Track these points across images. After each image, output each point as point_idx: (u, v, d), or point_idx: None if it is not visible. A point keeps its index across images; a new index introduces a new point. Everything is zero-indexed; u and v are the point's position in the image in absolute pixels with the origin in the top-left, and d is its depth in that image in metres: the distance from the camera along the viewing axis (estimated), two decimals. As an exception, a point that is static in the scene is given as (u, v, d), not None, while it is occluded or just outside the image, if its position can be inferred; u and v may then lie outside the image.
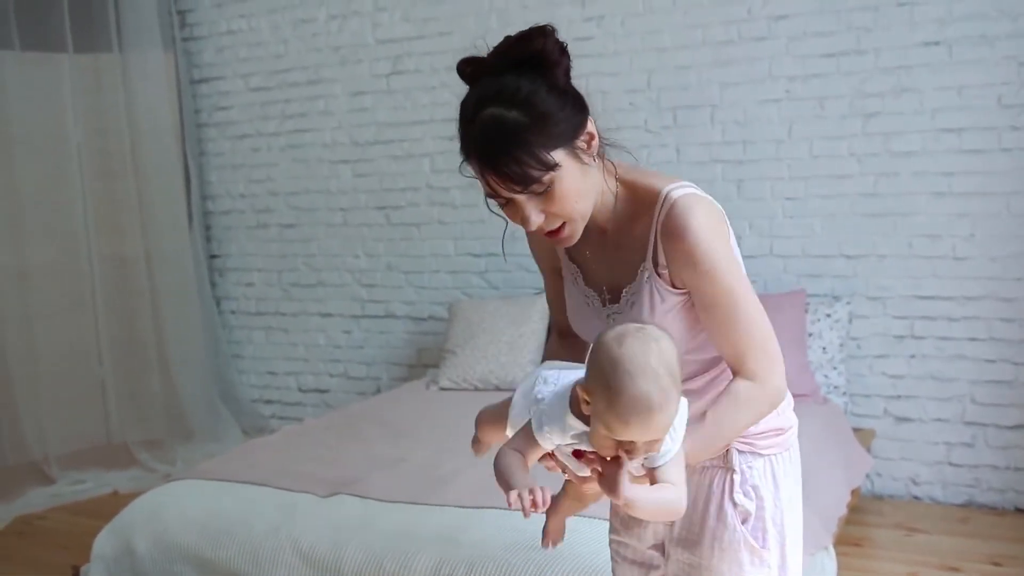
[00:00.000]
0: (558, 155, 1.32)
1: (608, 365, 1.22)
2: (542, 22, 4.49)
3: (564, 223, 1.38)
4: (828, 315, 3.66)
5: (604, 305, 1.50)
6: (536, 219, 1.35)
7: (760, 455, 1.50)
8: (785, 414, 1.56)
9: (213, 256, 5.16)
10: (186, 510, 2.61)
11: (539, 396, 1.35)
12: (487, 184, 1.33)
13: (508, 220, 1.41)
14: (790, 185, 3.81)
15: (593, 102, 4.36)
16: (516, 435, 1.40)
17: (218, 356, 5.07)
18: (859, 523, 3.50)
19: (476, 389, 3.88)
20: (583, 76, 4.47)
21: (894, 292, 3.69)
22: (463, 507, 2.45)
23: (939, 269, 3.62)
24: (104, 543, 2.66)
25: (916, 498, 3.75)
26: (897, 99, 3.60)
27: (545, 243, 1.55)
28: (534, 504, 1.25)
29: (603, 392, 1.22)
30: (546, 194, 1.33)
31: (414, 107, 4.50)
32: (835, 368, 3.64)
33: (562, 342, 1.68)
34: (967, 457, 3.65)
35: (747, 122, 3.84)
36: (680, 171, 3.96)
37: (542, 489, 1.25)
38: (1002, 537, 3.37)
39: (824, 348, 3.64)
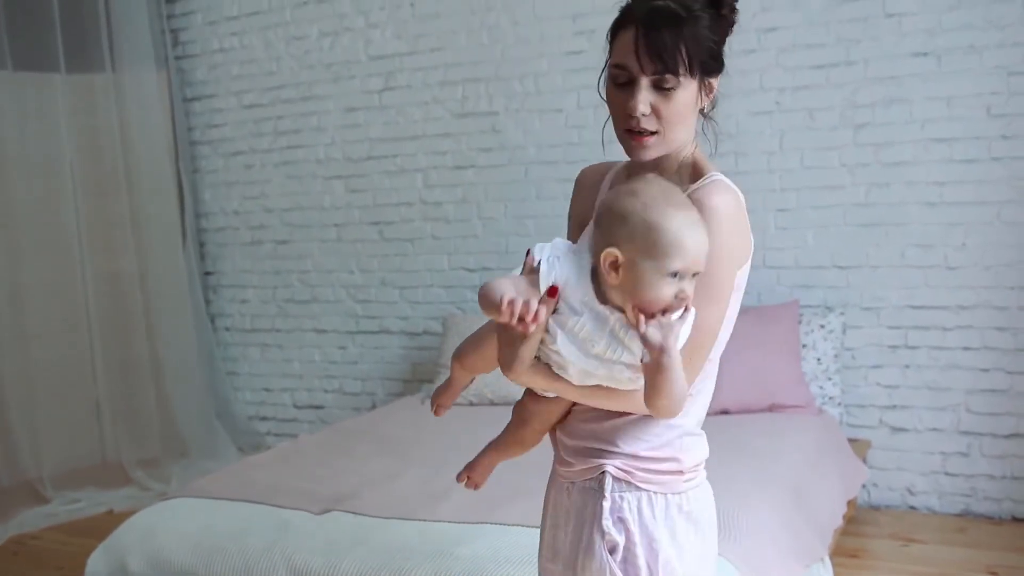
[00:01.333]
0: (695, 75, 1.39)
1: (637, 207, 1.27)
2: (533, 38, 4.55)
3: (656, 133, 1.41)
4: (822, 326, 3.66)
5: None
6: (644, 106, 1.38)
7: (638, 488, 1.41)
8: (688, 449, 1.45)
9: (207, 273, 5.16)
10: (180, 528, 2.60)
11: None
12: (633, 52, 1.37)
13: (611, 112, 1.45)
14: (782, 196, 3.82)
15: (585, 116, 4.37)
16: (513, 279, 1.33)
17: (213, 373, 5.06)
18: (855, 534, 3.50)
19: (471, 404, 3.87)
20: (574, 90, 4.51)
21: (887, 302, 3.70)
22: (458, 523, 2.45)
23: (932, 279, 3.63)
24: (98, 562, 2.64)
25: (912, 508, 3.74)
26: (887, 110, 3.62)
27: (592, 196, 1.59)
28: (524, 316, 1.25)
29: (643, 233, 1.25)
30: (667, 93, 1.38)
31: (407, 123, 4.51)
32: (830, 379, 3.64)
33: None
34: (963, 467, 3.65)
35: (738, 134, 3.86)
36: (672, 184, 3.97)
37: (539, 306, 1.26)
38: (999, 547, 3.37)
39: (818, 359, 3.64)
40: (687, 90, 1.39)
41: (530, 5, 4.17)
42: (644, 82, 1.38)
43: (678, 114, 1.40)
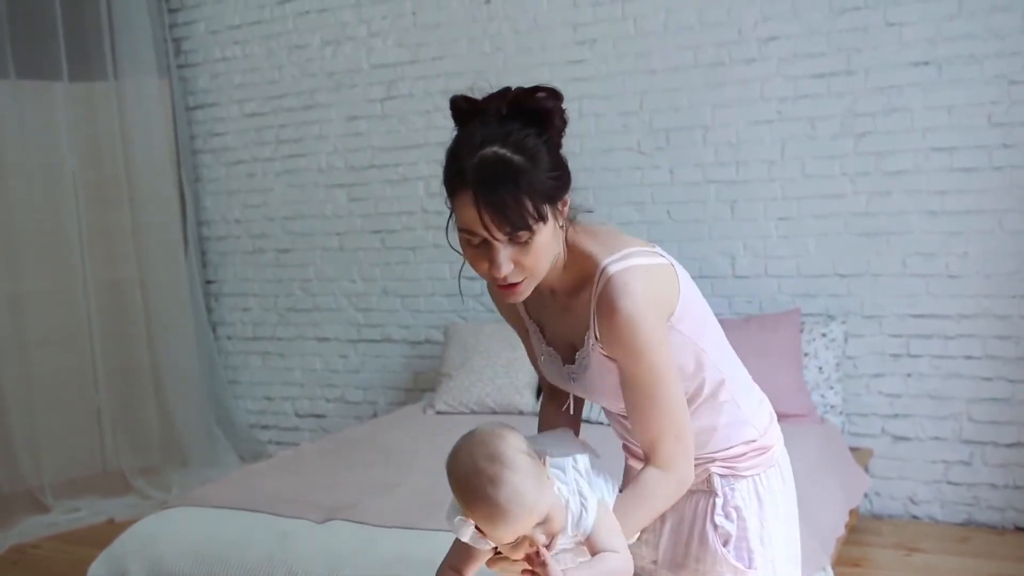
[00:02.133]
0: (546, 211, 1.32)
1: (451, 484, 1.30)
2: (535, 47, 4.57)
3: (523, 280, 1.36)
4: (823, 334, 3.66)
5: (563, 364, 1.51)
6: (507, 267, 1.32)
7: (742, 476, 1.52)
8: (769, 433, 1.57)
9: (209, 282, 5.16)
10: (181, 537, 2.60)
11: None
12: (477, 219, 1.29)
13: (465, 261, 1.40)
14: (783, 205, 3.82)
15: (586, 125, 4.38)
16: (450, 550, 1.44)
17: (214, 382, 5.06)
18: (858, 543, 3.49)
19: (473, 412, 3.87)
20: (576, 99, 4.49)
21: (889, 311, 3.70)
22: (459, 532, 2.44)
23: (933, 287, 3.62)
24: (99, 570, 2.64)
25: (915, 517, 3.74)
26: (888, 118, 3.62)
27: (514, 310, 1.59)
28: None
29: (463, 507, 1.29)
30: (524, 245, 1.32)
31: (408, 131, 4.52)
32: (831, 388, 3.63)
33: (552, 403, 1.67)
34: (965, 476, 3.64)
35: (739, 143, 3.86)
36: (673, 192, 3.98)
37: None
38: (1002, 556, 3.36)
39: (820, 368, 3.63)
40: (544, 231, 1.32)
41: (531, 14, 4.18)
42: (499, 244, 1.31)
43: (542, 256, 1.34)
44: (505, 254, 1.32)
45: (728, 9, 3.82)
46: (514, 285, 1.36)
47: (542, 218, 1.30)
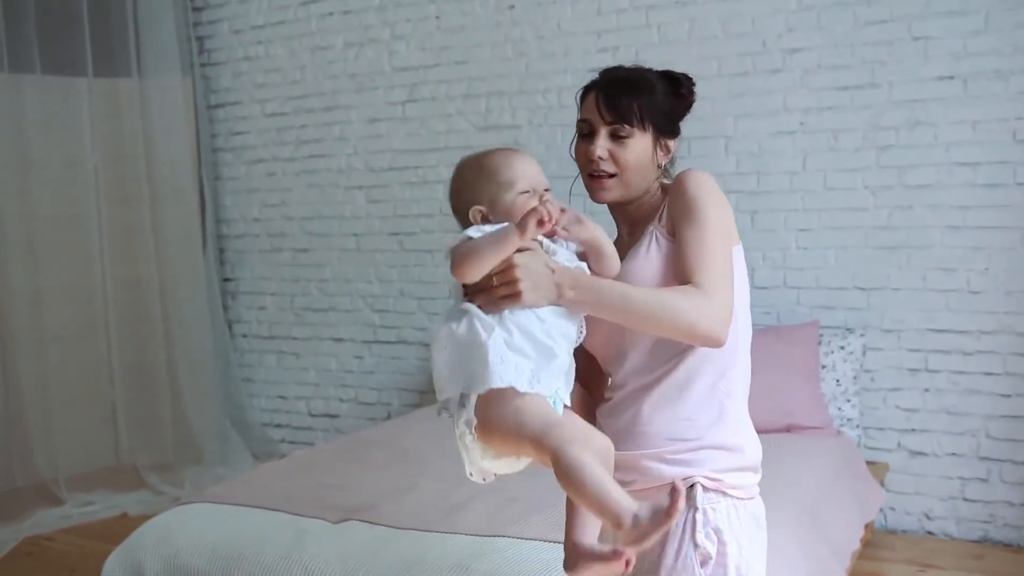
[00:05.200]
0: (649, 130, 1.58)
1: (472, 163, 1.55)
2: (558, 52, 4.61)
3: (614, 176, 1.58)
4: (842, 347, 3.64)
5: None
6: (601, 151, 1.57)
7: (726, 495, 1.51)
8: (755, 454, 1.59)
9: (226, 280, 5.18)
10: (197, 534, 2.60)
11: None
12: (594, 105, 1.58)
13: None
14: (804, 217, 3.81)
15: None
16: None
17: (229, 380, 5.07)
18: (872, 558, 3.47)
19: (487, 416, 3.86)
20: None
21: (908, 325, 3.68)
22: (475, 535, 2.44)
23: (953, 303, 3.61)
24: (114, 565, 2.64)
25: (930, 533, 3.71)
26: (911, 132, 3.61)
27: None
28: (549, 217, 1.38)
29: (487, 174, 1.50)
30: (622, 141, 1.57)
31: (429, 134, 4.53)
32: (848, 401, 3.62)
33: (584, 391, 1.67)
34: (982, 492, 3.62)
35: (761, 154, 3.85)
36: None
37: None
38: (1018, 575, 3.33)
39: (838, 380, 3.62)
40: (641, 141, 1.58)
41: (555, 20, 4.19)
42: (603, 131, 1.58)
43: (634, 160, 1.58)
44: (604, 142, 1.57)
45: (753, 20, 3.81)
46: (605, 179, 1.59)
47: (643, 125, 1.57)
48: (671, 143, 1.63)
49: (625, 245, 1.63)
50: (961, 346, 3.60)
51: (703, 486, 1.48)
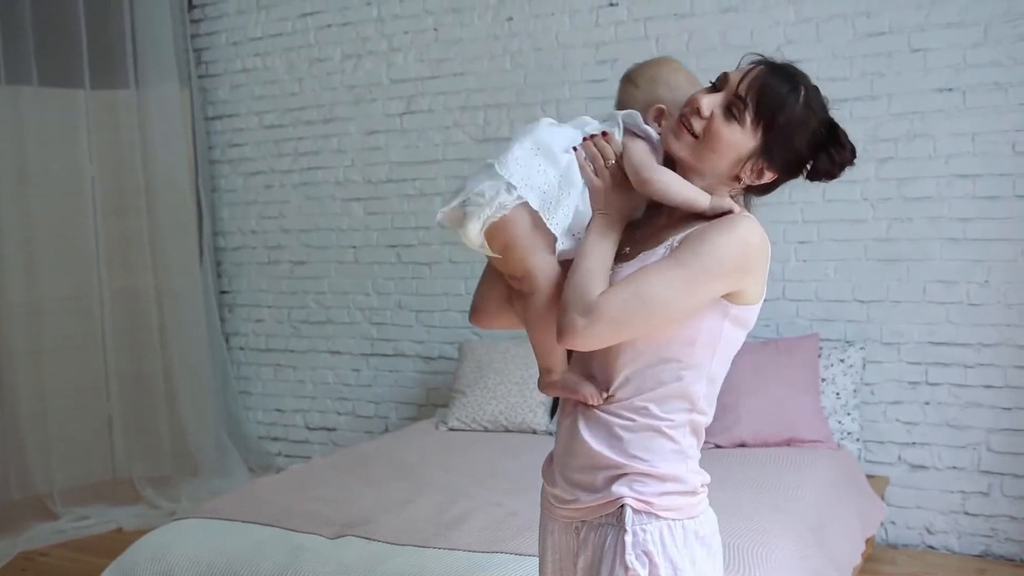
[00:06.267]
0: (758, 135, 1.43)
1: (684, 70, 1.58)
2: (556, 65, 4.59)
3: (696, 138, 1.44)
4: (842, 360, 3.63)
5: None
6: (706, 107, 1.44)
7: (658, 517, 1.41)
8: (694, 472, 1.47)
9: (223, 292, 5.16)
10: (192, 550, 2.58)
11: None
12: (740, 74, 1.45)
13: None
14: (803, 229, 3.80)
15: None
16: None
17: (226, 392, 5.05)
18: (873, 572, 3.45)
19: (486, 430, 3.85)
20: (598, 118, 4.48)
21: (908, 338, 3.66)
22: (473, 551, 2.42)
23: (954, 315, 3.59)
24: (108, 582, 2.62)
25: (931, 547, 3.69)
26: (911, 144, 3.60)
27: None
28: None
29: (687, 87, 1.51)
30: (728, 118, 1.42)
31: (427, 146, 4.52)
32: (849, 414, 3.60)
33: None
34: (983, 506, 3.59)
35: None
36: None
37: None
38: (1020, 589, 3.32)
39: (838, 394, 3.60)
40: (742, 135, 1.42)
41: (553, 32, 4.18)
42: (723, 96, 1.44)
43: (722, 140, 1.43)
44: (715, 102, 1.44)
45: (751, 32, 3.81)
46: (685, 131, 1.45)
47: (757, 125, 1.42)
48: (769, 176, 1.47)
49: (644, 225, 1.53)
50: (962, 359, 3.59)
51: (632, 508, 1.41)
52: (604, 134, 1.48)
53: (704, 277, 1.37)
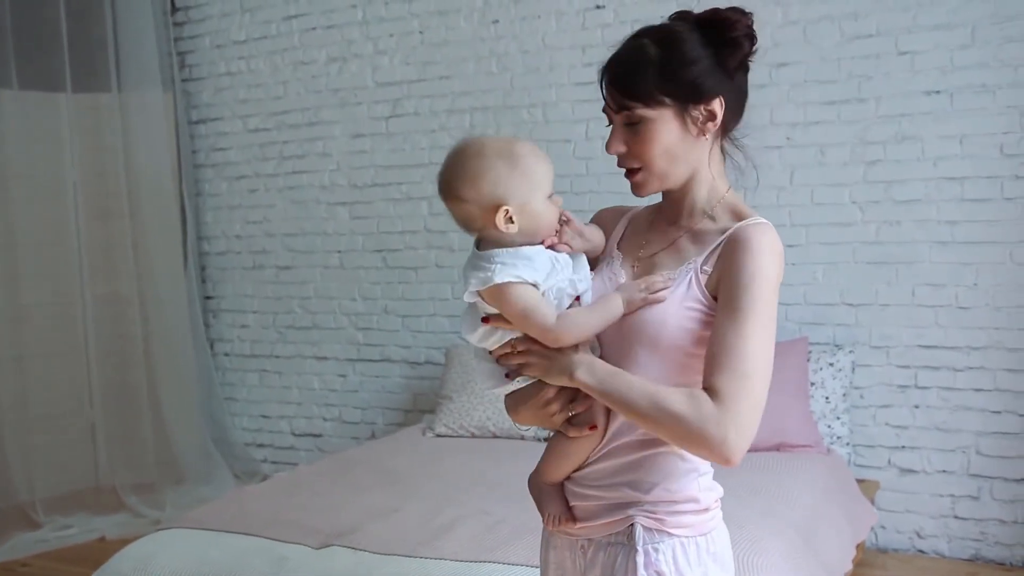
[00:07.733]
0: (664, 103, 1.34)
1: (501, 150, 1.33)
2: (542, 67, 4.52)
3: (640, 169, 1.38)
4: (831, 364, 3.61)
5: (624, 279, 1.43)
6: (616, 147, 1.38)
7: (670, 535, 1.37)
8: (707, 489, 1.41)
9: (208, 297, 5.11)
10: (174, 560, 2.54)
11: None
12: (606, 96, 1.38)
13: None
14: (791, 232, 3.78)
15: (594, 147, 4.32)
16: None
17: (211, 398, 5.00)
18: (863, 577, 3.43)
19: (472, 436, 3.81)
20: (583, 121, 4.47)
21: (897, 341, 3.65)
22: (461, 560, 2.38)
23: (943, 318, 3.58)
24: (89, 594, 2.57)
25: (921, 552, 3.67)
26: (898, 147, 3.59)
27: (608, 224, 1.56)
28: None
29: (522, 171, 1.31)
30: (635, 128, 1.35)
31: (413, 150, 4.48)
32: (838, 418, 3.58)
33: None
34: (973, 510, 3.58)
35: (747, 168, 3.81)
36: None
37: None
38: (1010, 593, 3.30)
39: (827, 398, 3.58)
40: (660, 123, 1.35)
41: (540, 35, 4.16)
42: (617, 121, 1.38)
43: (654, 147, 1.36)
44: (618, 134, 1.37)
45: (738, 34, 3.79)
46: (633, 174, 1.39)
47: (645, 101, 1.33)
48: (711, 106, 1.36)
49: (659, 237, 1.45)
50: (951, 362, 3.58)
51: (643, 525, 1.36)
52: (485, 319, 1.39)
53: (769, 308, 1.30)
